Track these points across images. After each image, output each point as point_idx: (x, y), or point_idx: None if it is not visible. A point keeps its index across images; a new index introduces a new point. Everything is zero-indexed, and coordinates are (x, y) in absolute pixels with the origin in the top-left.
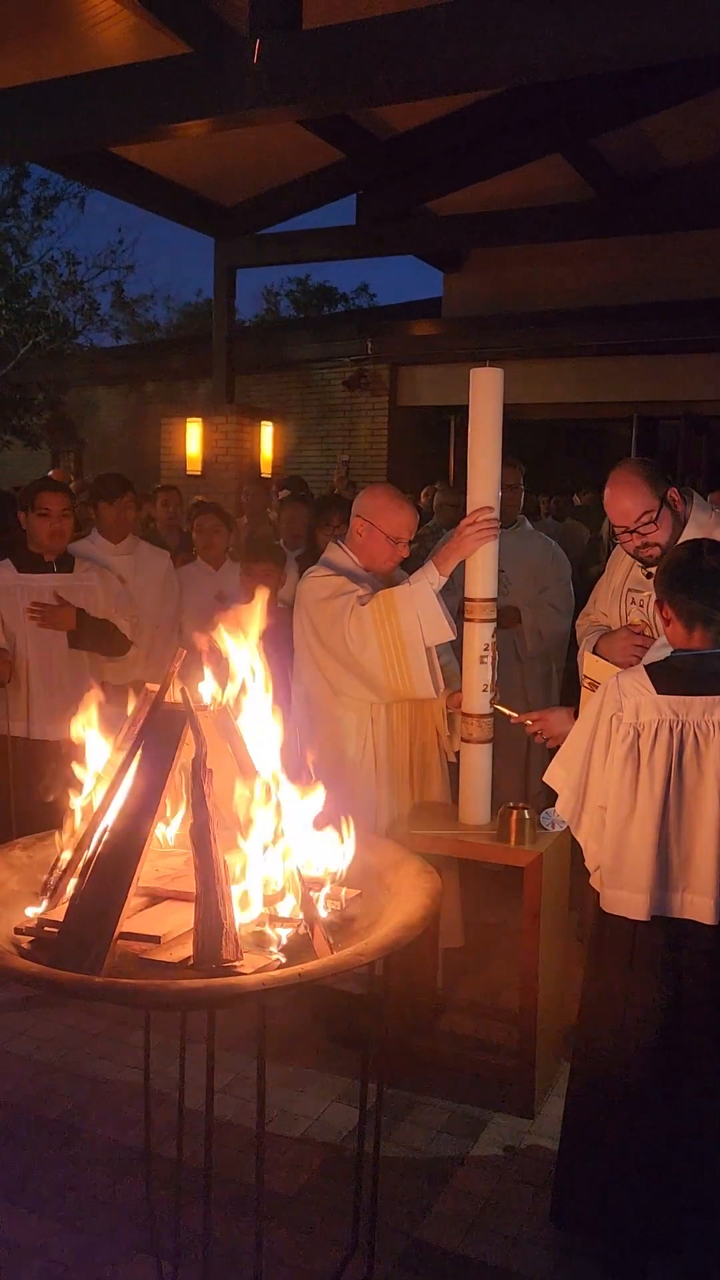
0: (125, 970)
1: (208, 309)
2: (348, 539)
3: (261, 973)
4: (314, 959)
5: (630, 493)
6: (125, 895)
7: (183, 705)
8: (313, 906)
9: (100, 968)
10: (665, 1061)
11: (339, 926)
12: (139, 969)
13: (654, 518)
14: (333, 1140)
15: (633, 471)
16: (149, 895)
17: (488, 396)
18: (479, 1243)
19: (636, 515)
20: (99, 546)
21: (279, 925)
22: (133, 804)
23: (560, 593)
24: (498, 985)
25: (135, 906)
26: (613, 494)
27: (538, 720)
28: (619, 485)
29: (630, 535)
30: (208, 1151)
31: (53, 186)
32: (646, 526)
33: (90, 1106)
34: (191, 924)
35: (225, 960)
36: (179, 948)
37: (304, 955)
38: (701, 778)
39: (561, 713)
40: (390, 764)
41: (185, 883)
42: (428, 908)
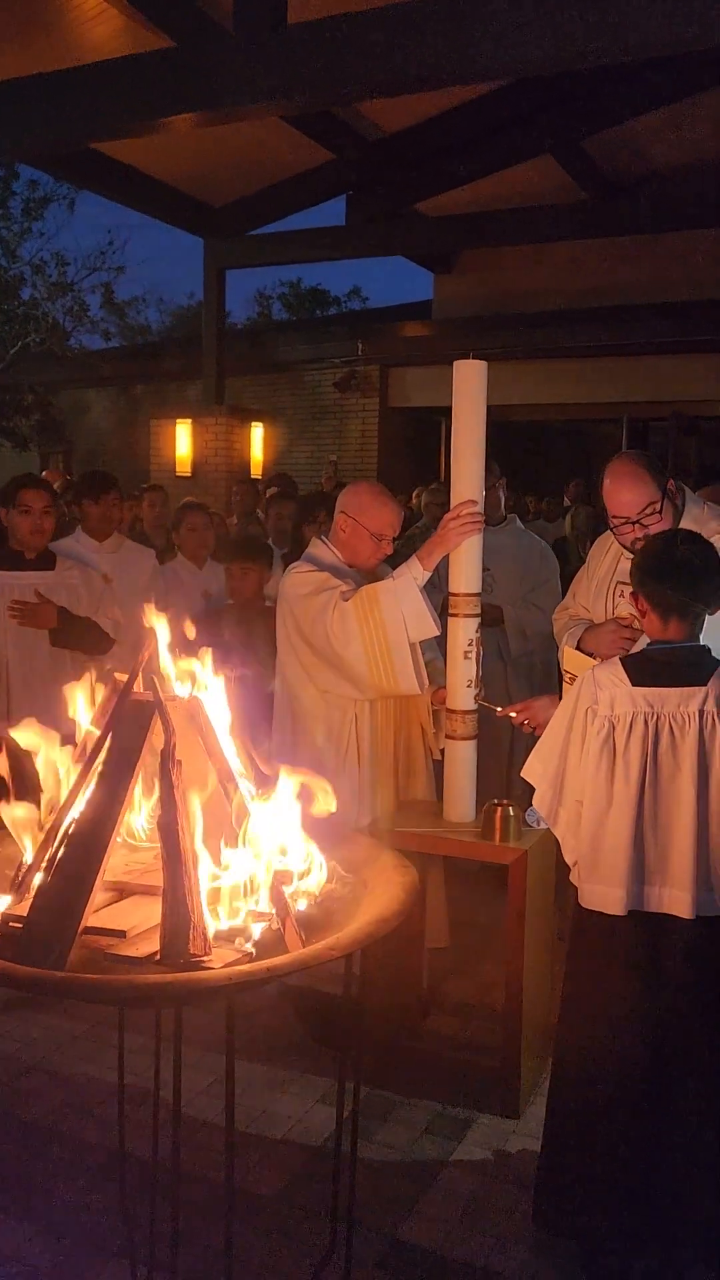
0: (91, 966)
1: (199, 312)
2: (332, 535)
3: (230, 968)
4: (286, 954)
5: (635, 483)
6: (90, 889)
7: (151, 696)
8: (284, 900)
9: (64, 963)
10: (645, 1059)
11: (313, 922)
12: (105, 965)
13: (658, 508)
14: (314, 1141)
15: (635, 462)
16: (117, 890)
17: (471, 389)
18: (461, 1243)
19: (641, 506)
20: (83, 544)
21: (250, 920)
22: (99, 796)
23: (546, 592)
24: (484, 986)
25: (103, 901)
26: (615, 485)
27: (523, 710)
28: (622, 476)
29: (632, 527)
30: (175, 1150)
31: (43, 188)
32: (650, 518)
33: (69, 1108)
34: (159, 918)
35: (193, 955)
36: (145, 942)
37: (276, 951)
38: (678, 770)
39: (546, 700)
40: (374, 762)
41: (155, 877)
42: (403, 901)
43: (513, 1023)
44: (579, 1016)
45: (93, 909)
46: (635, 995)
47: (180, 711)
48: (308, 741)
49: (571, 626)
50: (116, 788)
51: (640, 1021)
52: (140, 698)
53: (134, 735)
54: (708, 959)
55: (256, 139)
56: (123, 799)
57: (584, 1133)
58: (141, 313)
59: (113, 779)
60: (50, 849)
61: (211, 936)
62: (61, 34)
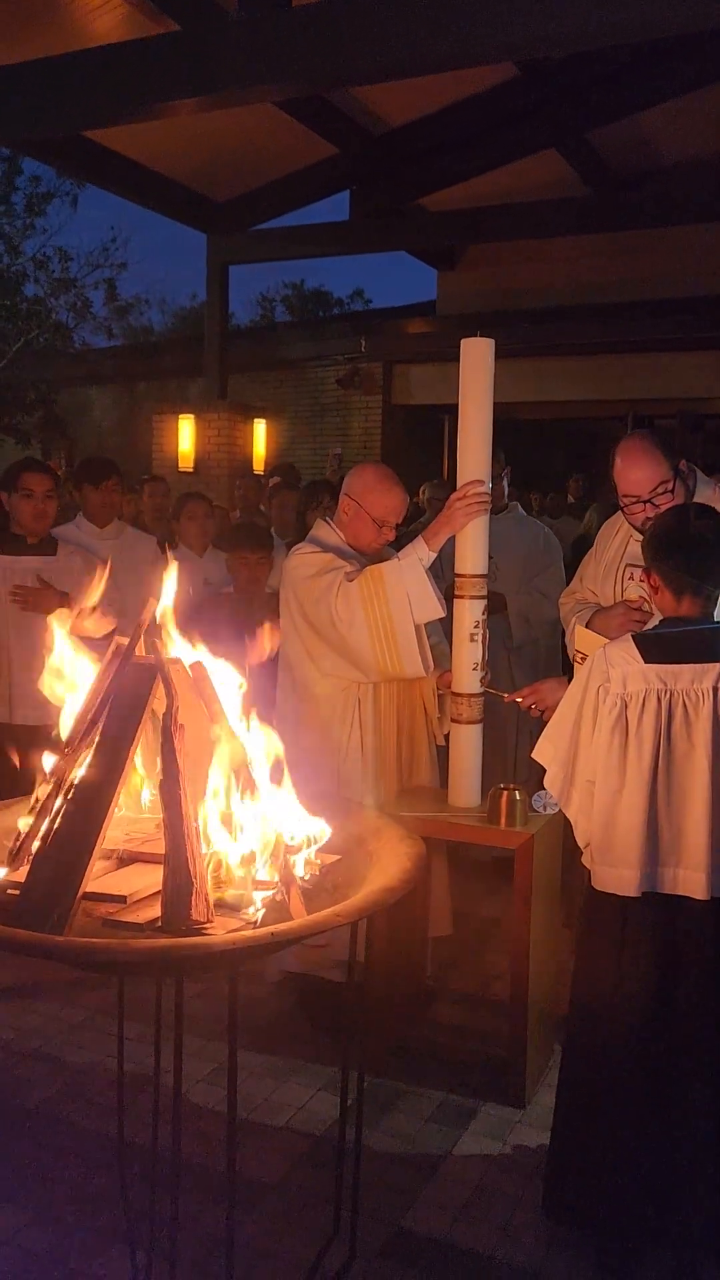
0: (91, 933)
1: (202, 313)
2: (335, 517)
3: (234, 933)
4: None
5: (647, 461)
6: (90, 854)
7: (153, 659)
8: (289, 869)
9: (63, 928)
10: (658, 1044)
11: (318, 892)
12: (105, 932)
13: (670, 487)
14: (317, 1130)
15: (647, 441)
16: (118, 858)
17: (478, 368)
18: (467, 1232)
19: (653, 485)
20: (84, 530)
21: (254, 888)
22: (99, 761)
23: (550, 580)
24: (488, 976)
25: (104, 869)
26: (627, 464)
27: (531, 693)
28: (634, 454)
29: (644, 505)
30: (175, 1134)
31: (45, 183)
32: (662, 497)
33: (69, 1096)
34: (161, 885)
35: (195, 921)
36: (147, 909)
37: (280, 919)
38: (691, 748)
39: (553, 682)
40: (377, 747)
41: (157, 846)
42: (409, 871)
43: (518, 1009)
44: (591, 1000)
45: (92, 876)
46: (649, 978)
47: (182, 675)
48: (310, 725)
49: (579, 609)
50: (117, 752)
51: (654, 1005)
52: (142, 661)
53: (135, 699)
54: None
55: (260, 133)
56: (123, 763)
57: (596, 1119)
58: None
59: (113, 743)
60: (49, 816)
61: (213, 905)
62: (65, 22)
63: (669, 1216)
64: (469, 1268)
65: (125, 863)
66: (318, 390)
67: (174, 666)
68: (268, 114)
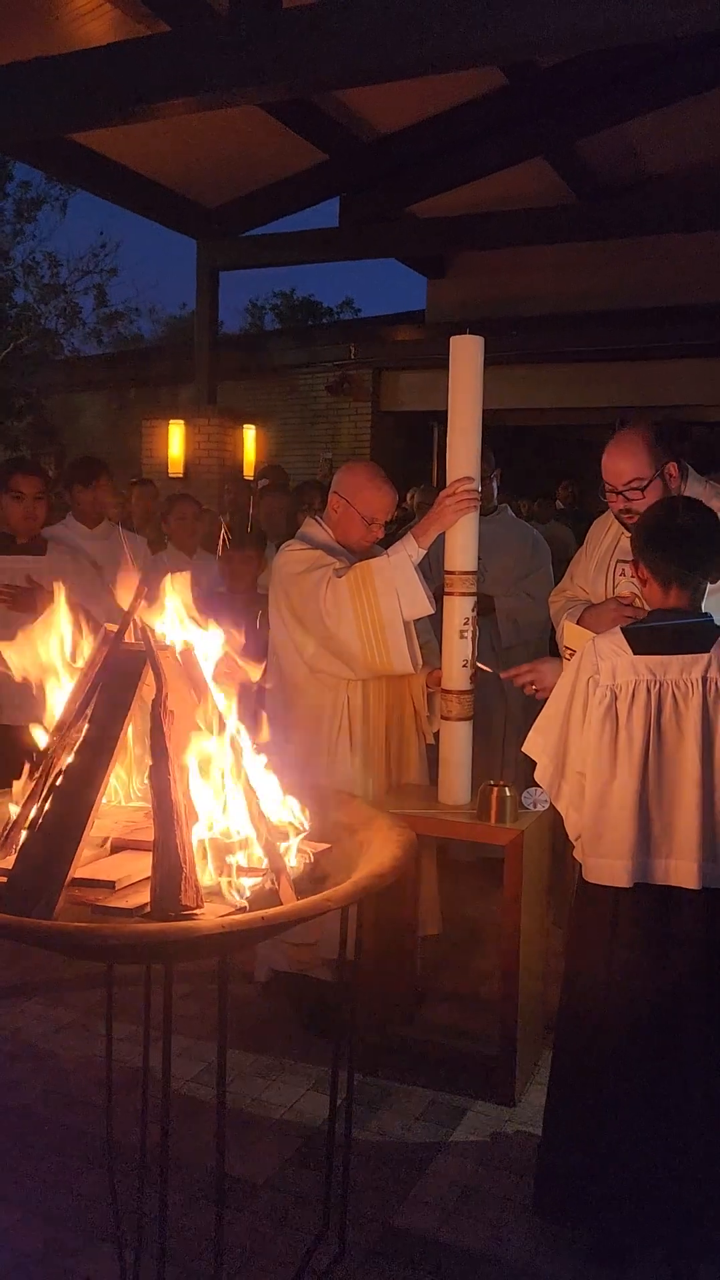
0: (78, 919)
1: (192, 322)
2: (324, 515)
3: (224, 919)
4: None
5: (627, 455)
6: (78, 840)
7: (143, 645)
8: (279, 855)
9: (50, 915)
10: (652, 1036)
11: (308, 880)
12: (93, 918)
13: (642, 486)
14: (307, 1128)
15: (638, 435)
16: (109, 845)
17: (468, 365)
18: (457, 1229)
19: (626, 479)
20: (73, 530)
21: (243, 875)
22: (88, 747)
23: (538, 581)
24: (478, 976)
25: (93, 856)
26: (610, 451)
27: (530, 671)
28: (619, 444)
29: (616, 497)
30: (165, 1126)
31: (35, 189)
32: (633, 493)
33: (57, 1095)
34: (150, 872)
35: (185, 907)
36: (135, 894)
37: (270, 906)
38: (682, 738)
39: (553, 663)
40: (366, 744)
41: (146, 834)
42: (399, 858)
43: (509, 1007)
44: (583, 992)
45: (81, 863)
46: (641, 969)
47: (172, 662)
48: (299, 722)
49: (570, 607)
50: (105, 738)
51: (647, 996)
52: (131, 647)
53: (124, 685)
54: (714, 930)
55: (250, 139)
56: (112, 749)
57: (588, 1113)
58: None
59: (102, 729)
60: (38, 802)
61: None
62: (55, 26)
63: (661, 1213)
64: (459, 1266)
65: (114, 850)
66: (307, 397)
67: (164, 653)
68: (258, 120)
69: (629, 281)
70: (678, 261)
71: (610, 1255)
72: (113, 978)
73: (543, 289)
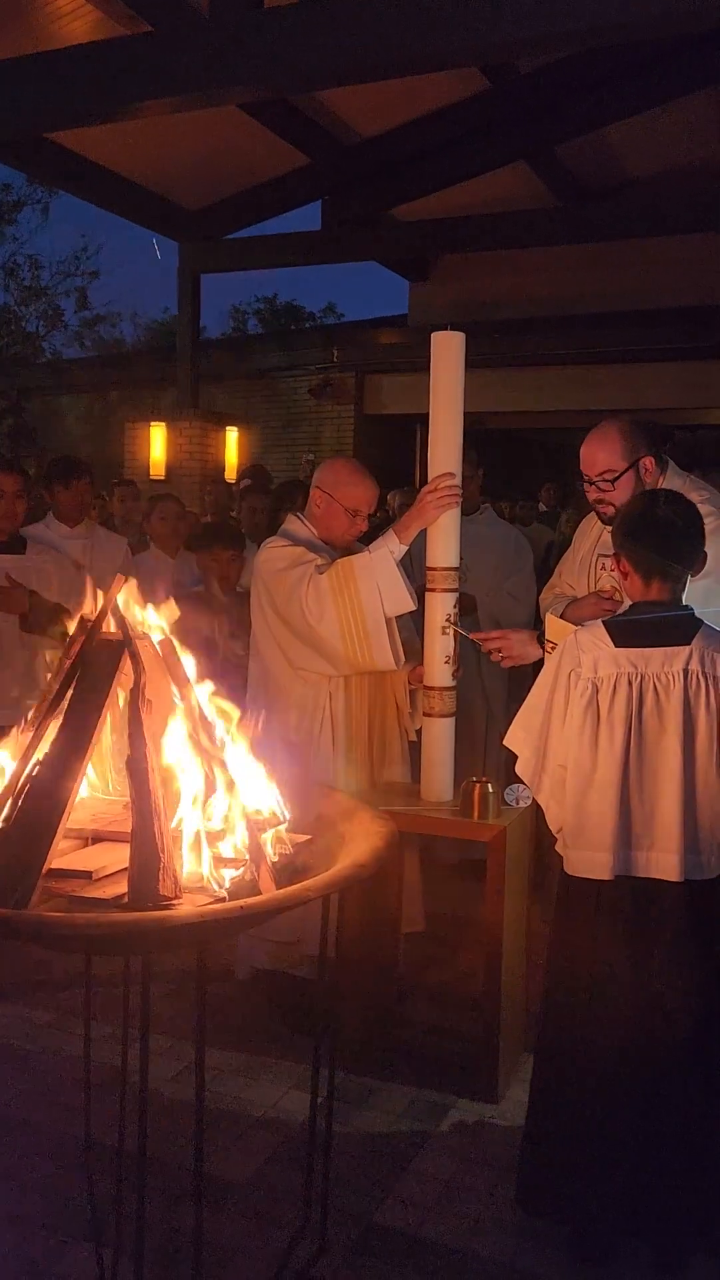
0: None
1: (174, 327)
2: (306, 511)
3: (203, 908)
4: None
5: (601, 446)
6: (54, 831)
7: (120, 635)
8: (259, 846)
9: (26, 906)
10: (633, 1031)
11: (288, 872)
12: (69, 909)
13: (614, 478)
14: (289, 1126)
15: (615, 428)
16: (85, 837)
17: (449, 360)
18: (438, 1226)
19: (599, 470)
20: (54, 530)
21: (223, 866)
22: (64, 737)
23: (521, 582)
24: (461, 975)
25: (70, 847)
26: (586, 441)
27: (500, 637)
28: (596, 434)
29: (589, 486)
30: (142, 1121)
31: (15, 191)
32: (604, 484)
33: (35, 1096)
34: (128, 862)
35: (163, 897)
36: (113, 885)
37: (250, 896)
38: (663, 731)
39: (525, 634)
40: (348, 741)
41: (124, 825)
42: (380, 849)
43: (491, 1002)
44: (565, 986)
45: (57, 854)
46: (623, 961)
47: (150, 652)
48: (281, 720)
49: (556, 603)
50: (82, 728)
51: (628, 989)
52: (109, 637)
53: (101, 675)
54: (696, 923)
55: (232, 142)
56: (89, 740)
57: (570, 1107)
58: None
59: (79, 719)
60: (13, 793)
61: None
62: (36, 27)
63: (645, 1207)
64: (440, 1262)
65: (92, 842)
66: (290, 400)
67: (142, 643)
68: (240, 122)
69: (611, 285)
70: (659, 265)
71: (593, 1251)
72: (92, 975)
73: (525, 292)
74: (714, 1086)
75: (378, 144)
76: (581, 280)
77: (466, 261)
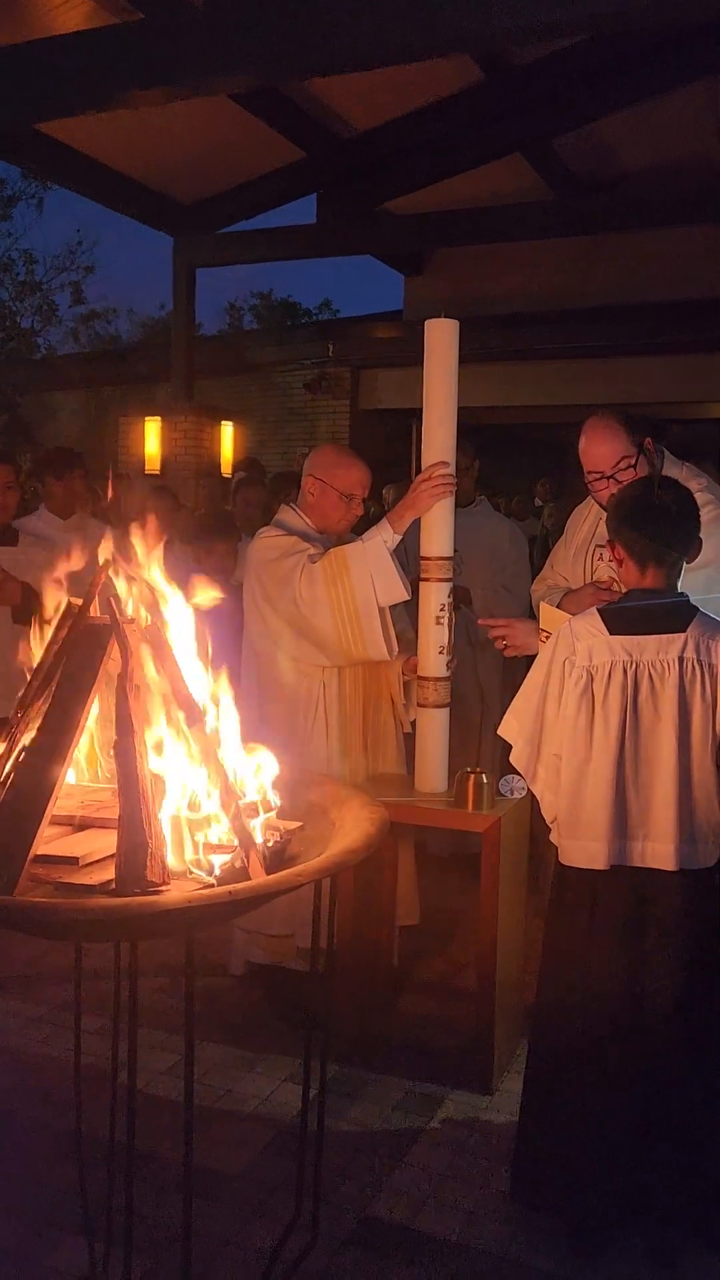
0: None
1: (169, 323)
2: (300, 500)
3: (190, 894)
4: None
5: (610, 437)
6: (41, 817)
7: (107, 619)
8: (248, 831)
9: (12, 892)
10: (630, 1018)
11: (279, 859)
12: (56, 895)
13: (633, 463)
14: (282, 1119)
15: (610, 417)
16: (72, 823)
17: (442, 348)
18: (433, 1218)
19: (615, 460)
20: (46, 522)
21: (211, 852)
22: (51, 722)
23: (516, 576)
24: (455, 968)
25: (57, 834)
26: (590, 441)
27: (505, 625)
28: (597, 430)
29: (607, 482)
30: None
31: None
32: (625, 473)
33: (27, 1090)
34: (115, 848)
35: (151, 883)
36: (100, 871)
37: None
38: (658, 719)
39: (530, 624)
40: (342, 732)
41: (112, 812)
42: (371, 835)
43: (485, 993)
44: (560, 977)
45: (44, 840)
46: (619, 952)
47: (138, 636)
48: (274, 711)
49: (549, 594)
50: (69, 713)
51: (623, 980)
52: (96, 620)
53: (88, 660)
54: (692, 913)
55: (227, 135)
56: (76, 724)
57: (565, 1099)
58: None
59: (65, 704)
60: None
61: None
62: (28, 18)
63: (639, 1199)
64: (435, 1254)
65: (80, 828)
66: (285, 395)
67: (129, 626)
68: (235, 116)
69: (607, 279)
70: (656, 258)
71: (587, 1243)
72: (81, 966)
73: (520, 287)
74: (708, 1078)
75: (373, 137)
76: (577, 274)
77: (462, 256)
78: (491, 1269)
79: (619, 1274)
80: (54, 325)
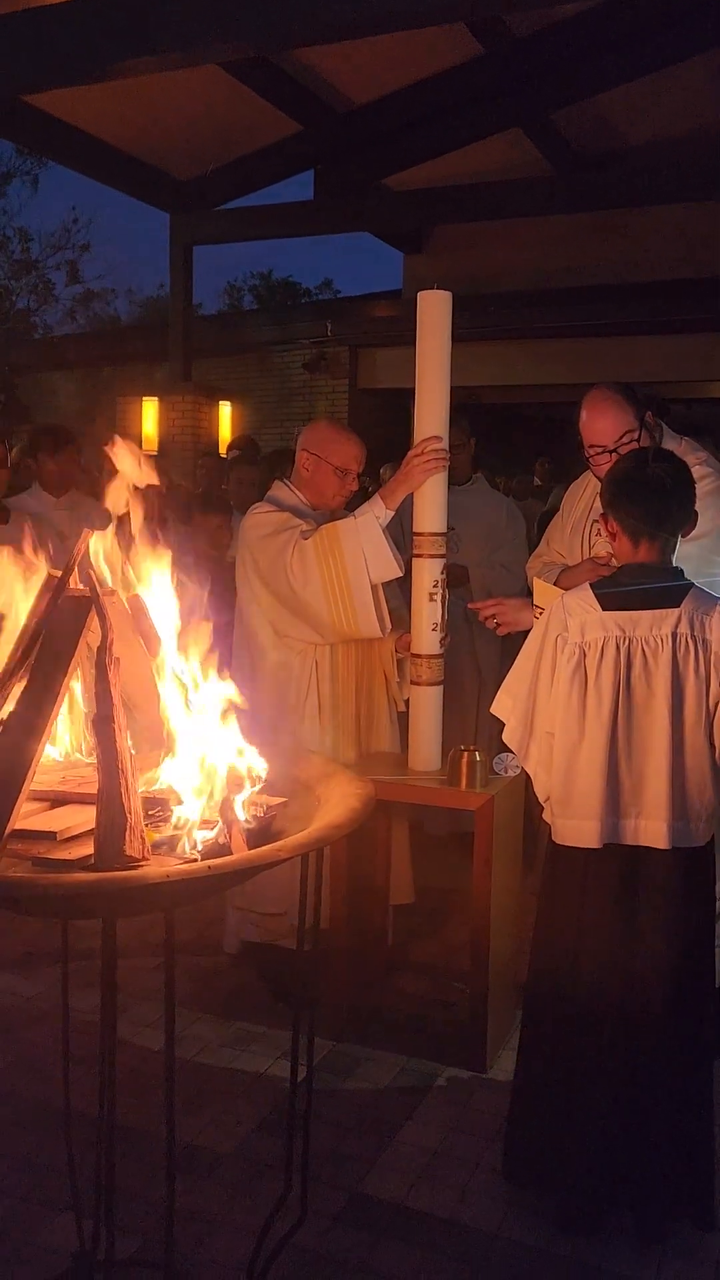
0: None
1: (169, 302)
2: (294, 476)
3: (170, 868)
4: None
5: (612, 410)
6: (18, 792)
7: (87, 591)
8: (230, 807)
9: None
10: (620, 1000)
11: (263, 835)
12: (33, 870)
13: (635, 437)
14: (275, 1097)
15: (613, 390)
16: (51, 799)
17: (435, 320)
18: (425, 1195)
19: (618, 434)
20: (38, 500)
21: (193, 828)
22: (29, 696)
23: (513, 553)
24: (450, 948)
25: (36, 809)
26: (591, 414)
27: (495, 604)
28: (598, 405)
29: (609, 456)
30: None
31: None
32: (628, 447)
33: (20, 1068)
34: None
35: (130, 858)
36: (79, 846)
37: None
38: (651, 695)
39: (518, 601)
40: (335, 710)
41: (91, 787)
42: (356, 810)
43: (479, 971)
44: (552, 955)
45: (21, 816)
46: (611, 930)
47: (118, 608)
48: (266, 688)
49: (546, 570)
50: (48, 687)
51: (616, 958)
52: (76, 593)
53: (68, 633)
54: (685, 891)
55: (223, 110)
56: (55, 698)
57: (557, 1077)
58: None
59: (44, 678)
60: None
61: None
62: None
63: (631, 1177)
64: (426, 1231)
65: (58, 804)
66: (284, 374)
67: (110, 598)
68: (231, 89)
69: (608, 257)
70: (656, 236)
71: (578, 1221)
72: (77, 948)
73: (520, 264)
74: (699, 1057)
75: (370, 111)
76: (578, 252)
77: (461, 233)
78: (482, 1246)
79: (610, 1251)
80: (50, 305)
